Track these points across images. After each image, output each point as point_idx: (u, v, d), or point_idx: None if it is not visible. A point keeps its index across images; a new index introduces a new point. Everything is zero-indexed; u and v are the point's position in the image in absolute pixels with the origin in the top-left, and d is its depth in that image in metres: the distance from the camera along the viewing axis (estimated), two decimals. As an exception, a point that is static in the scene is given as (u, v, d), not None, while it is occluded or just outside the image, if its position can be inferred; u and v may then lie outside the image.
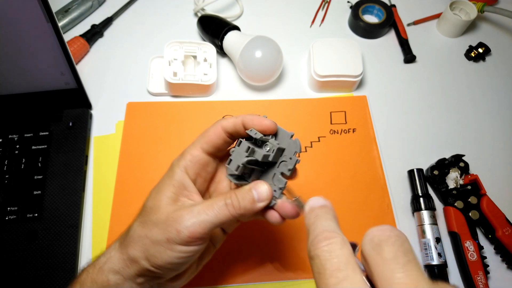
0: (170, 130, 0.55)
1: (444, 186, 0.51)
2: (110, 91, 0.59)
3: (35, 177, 0.49)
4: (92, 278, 0.32)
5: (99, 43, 0.64)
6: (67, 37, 0.60)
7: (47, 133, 0.52)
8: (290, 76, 0.62)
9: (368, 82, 0.62)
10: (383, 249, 0.21)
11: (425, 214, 0.49)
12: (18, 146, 0.51)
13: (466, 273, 0.46)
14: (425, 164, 0.54)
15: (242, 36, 0.58)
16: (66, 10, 0.64)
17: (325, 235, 0.23)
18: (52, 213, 0.47)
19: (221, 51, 0.61)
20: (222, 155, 0.38)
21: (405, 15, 0.69)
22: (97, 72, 0.61)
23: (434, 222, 0.48)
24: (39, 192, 0.48)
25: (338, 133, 0.56)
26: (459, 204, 0.50)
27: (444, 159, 0.53)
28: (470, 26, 0.68)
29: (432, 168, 0.52)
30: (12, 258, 0.45)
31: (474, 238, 0.48)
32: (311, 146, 0.55)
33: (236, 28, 0.61)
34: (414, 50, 0.65)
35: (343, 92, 0.60)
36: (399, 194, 0.52)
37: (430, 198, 0.50)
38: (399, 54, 0.66)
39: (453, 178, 0.51)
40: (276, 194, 0.33)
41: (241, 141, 0.33)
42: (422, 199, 0.50)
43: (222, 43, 0.60)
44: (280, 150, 0.34)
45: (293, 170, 0.34)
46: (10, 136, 0.52)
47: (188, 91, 0.58)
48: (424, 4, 0.71)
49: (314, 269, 0.22)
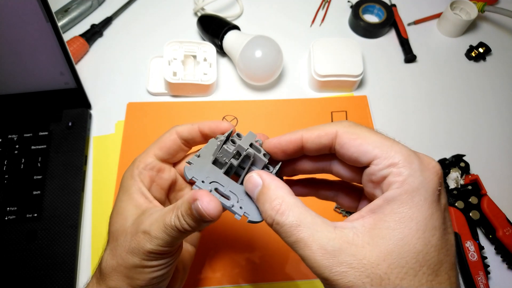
0: (170, 130, 0.55)
1: (444, 186, 0.51)
2: (109, 91, 0.59)
3: (35, 177, 0.49)
4: None
5: (99, 43, 0.64)
6: (67, 36, 0.60)
7: (47, 133, 0.52)
8: (290, 76, 0.62)
9: (368, 82, 0.62)
10: None
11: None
12: (17, 146, 0.51)
13: (466, 273, 0.46)
14: (425, 164, 0.54)
15: (242, 35, 0.58)
16: (65, 10, 0.64)
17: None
18: (51, 213, 0.47)
19: (221, 51, 0.61)
20: (178, 162, 0.36)
21: (405, 15, 0.69)
22: (96, 72, 0.61)
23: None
24: (39, 192, 0.48)
25: (338, 133, 0.56)
26: (460, 204, 0.49)
27: (444, 159, 0.53)
28: (471, 26, 0.68)
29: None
30: (11, 258, 0.45)
31: (475, 238, 0.48)
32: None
33: (236, 27, 0.61)
34: (415, 50, 0.64)
35: (343, 92, 0.60)
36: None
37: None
38: (400, 54, 0.65)
39: (453, 178, 0.51)
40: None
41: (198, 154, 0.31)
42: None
43: (222, 43, 0.60)
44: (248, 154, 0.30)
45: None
46: (9, 136, 0.52)
47: (188, 91, 0.58)
48: (424, 3, 0.71)
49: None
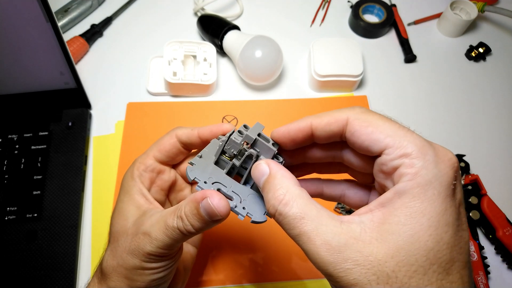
0: (170, 130, 0.55)
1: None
2: (109, 91, 0.59)
3: (35, 177, 0.49)
4: None
5: (99, 43, 0.64)
6: (67, 36, 0.60)
7: (47, 133, 0.52)
8: (290, 76, 0.62)
9: (368, 82, 0.62)
10: None
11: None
12: (17, 146, 0.51)
13: (466, 273, 0.46)
14: (425, 164, 0.54)
15: (242, 35, 0.58)
16: (65, 10, 0.64)
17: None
18: (51, 213, 0.47)
19: (221, 51, 0.61)
20: (179, 164, 0.36)
21: (405, 15, 0.68)
22: (96, 72, 0.61)
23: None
24: (39, 192, 0.48)
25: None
26: (460, 204, 0.49)
27: (444, 159, 0.53)
28: (471, 26, 0.68)
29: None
30: (11, 258, 0.45)
31: (475, 238, 0.48)
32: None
33: (236, 27, 0.61)
34: (415, 50, 0.64)
35: (344, 92, 0.60)
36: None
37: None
38: (400, 54, 0.65)
39: (453, 178, 0.51)
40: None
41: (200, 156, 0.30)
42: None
43: (222, 43, 0.60)
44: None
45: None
46: (9, 136, 0.52)
47: (187, 91, 0.58)
48: (424, 3, 0.71)
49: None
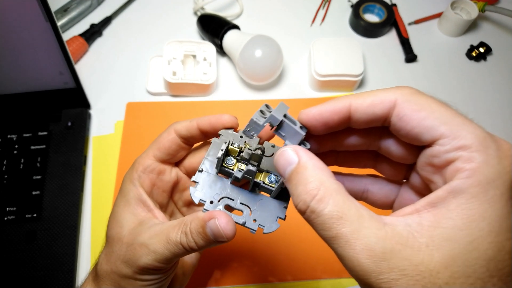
0: (169, 130, 0.55)
1: None
2: (109, 91, 0.59)
3: (34, 177, 0.49)
4: None
5: (98, 43, 0.64)
6: (66, 36, 0.60)
7: (46, 133, 0.52)
8: (290, 75, 0.62)
9: (368, 81, 0.62)
10: None
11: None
12: (17, 146, 0.51)
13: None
14: (426, 164, 0.53)
15: (242, 35, 0.58)
16: (65, 9, 0.63)
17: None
18: (51, 213, 0.47)
19: (220, 50, 0.61)
20: (182, 160, 0.35)
21: (406, 14, 0.68)
22: (96, 71, 0.60)
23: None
24: (38, 192, 0.48)
25: (338, 133, 0.56)
26: (460, 204, 0.49)
27: (445, 159, 0.52)
28: (471, 26, 0.68)
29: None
30: (11, 258, 0.45)
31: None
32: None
33: (236, 27, 0.60)
34: (415, 50, 0.64)
35: (344, 91, 0.60)
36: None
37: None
38: (400, 54, 0.65)
39: (454, 178, 0.51)
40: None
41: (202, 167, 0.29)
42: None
43: (221, 42, 0.59)
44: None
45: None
46: (9, 136, 0.51)
47: (187, 91, 0.58)
48: (425, 3, 0.71)
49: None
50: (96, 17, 0.65)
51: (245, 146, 0.29)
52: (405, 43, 0.65)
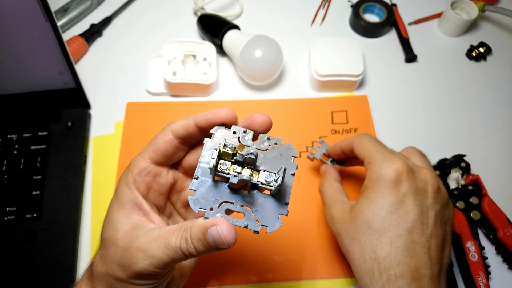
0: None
1: (445, 186, 0.51)
2: (109, 91, 0.59)
3: (34, 177, 0.49)
4: None
5: (98, 43, 0.64)
6: (66, 36, 0.60)
7: (46, 133, 0.52)
8: (290, 75, 0.62)
9: (369, 81, 0.62)
10: None
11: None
12: (17, 146, 0.51)
13: (467, 273, 0.46)
14: (426, 164, 0.54)
15: (242, 35, 0.58)
16: (65, 9, 0.63)
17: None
18: (51, 213, 0.47)
19: (220, 50, 0.61)
20: (181, 160, 0.34)
21: (406, 14, 0.68)
22: (96, 71, 0.60)
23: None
24: (38, 192, 0.48)
25: (339, 133, 0.56)
26: (460, 204, 0.49)
27: (445, 159, 0.53)
28: (471, 26, 0.68)
29: (433, 168, 0.52)
30: (11, 258, 0.45)
31: (475, 238, 0.47)
32: (313, 146, 0.55)
33: (236, 27, 0.60)
34: (415, 50, 0.64)
35: (344, 91, 0.60)
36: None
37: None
38: (400, 54, 0.65)
39: (454, 178, 0.51)
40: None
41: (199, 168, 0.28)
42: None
43: (221, 42, 0.60)
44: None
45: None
46: (9, 136, 0.51)
47: (187, 91, 0.58)
48: (425, 3, 0.71)
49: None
50: (96, 17, 0.65)
51: (237, 149, 0.28)
52: (405, 43, 0.65)
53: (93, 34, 0.62)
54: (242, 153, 0.28)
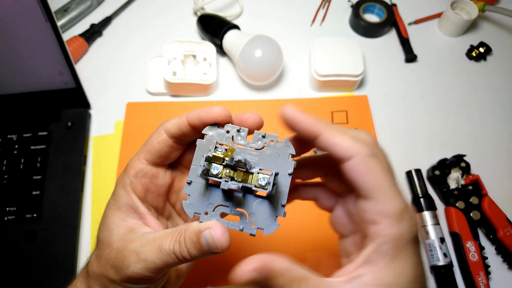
0: (169, 130, 0.55)
1: (445, 186, 0.51)
2: (109, 91, 0.59)
3: (34, 177, 0.49)
4: None
5: (98, 43, 0.64)
6: (66, 36, 0.60)
7: (46, 133, 0.52)
8: (290, 75, 0.62)
9: (369, 81, 0.62)
10: None
11: (427, 215, 0.49)
12: (17, 146, 0.51)
13: (467, 273, 0.46)
14: (426, 164, 0.53)
15: (242, 35, 0.58)
16: (65, 9, 0.63)
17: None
18: (51, 213, 0.47)
19: (220, 50, 0.61)
20: (180, 159, 0.33)
21: (406, 14, 0.68)
22: (96, 71, 0.60)
23: (437, 222, 0.48)
24: (38, 192, 0.48)
25: (338, 133, 0.56)
26: (460, 204, 0.49)
27: (445, 159, 0.53)
28: (471, 26, 0.68)
29: (433, 168, 0.52)
30: (11, 258, 0.45)
31: (475, 238, 0.47)
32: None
33: (236, 27, 0.60)
34: (415, 50, 0.64)
35: (344, 91, 0.60)
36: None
37: (431, 198, 0.50)
38: (400, 54, 0.65)
39: (454, 178, 0.51)
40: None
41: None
42: (422, 200, 0.49)
43: (221, 42, 0.60)
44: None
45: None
46: (9, 136, 0.51)
47: (187, 91, 0.58)
48: (425, 3, 0.71)
49: None
50: (96, 17, 0.65)
51: (228, 152, 0.27)
52: (405, 43, 0.65)
53: (93, 34, 0.62)
54: (227, 160, 0.26)
